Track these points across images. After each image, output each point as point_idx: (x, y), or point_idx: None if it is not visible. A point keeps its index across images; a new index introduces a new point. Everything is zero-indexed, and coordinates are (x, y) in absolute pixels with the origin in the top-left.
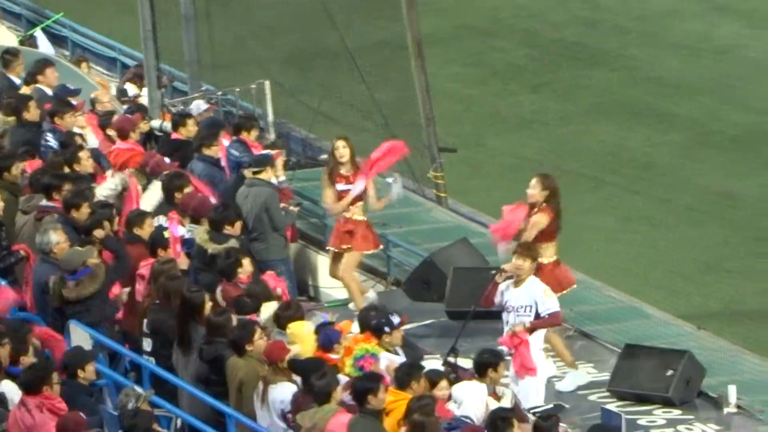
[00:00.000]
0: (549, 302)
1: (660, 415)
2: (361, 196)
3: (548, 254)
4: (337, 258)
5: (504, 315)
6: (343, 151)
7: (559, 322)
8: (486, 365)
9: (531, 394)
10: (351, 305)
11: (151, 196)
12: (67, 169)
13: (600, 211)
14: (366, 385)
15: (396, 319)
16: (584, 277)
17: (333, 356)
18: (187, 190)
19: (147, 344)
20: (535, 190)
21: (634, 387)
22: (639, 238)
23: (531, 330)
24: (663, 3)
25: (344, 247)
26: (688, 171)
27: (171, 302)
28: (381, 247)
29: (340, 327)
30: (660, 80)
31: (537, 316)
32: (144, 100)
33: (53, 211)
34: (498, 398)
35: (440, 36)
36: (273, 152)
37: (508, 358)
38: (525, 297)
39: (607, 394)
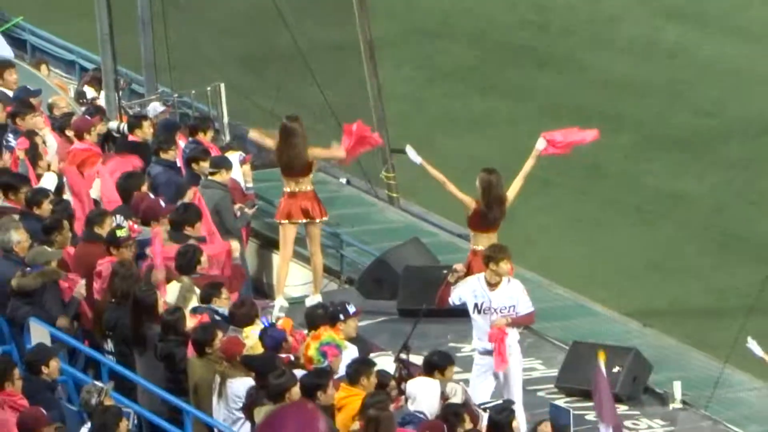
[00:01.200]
0: (527, 301)
1: None
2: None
3: (483, 243)
4: (289, 234)
5: (477, 316)
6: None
7: (533, 320)
8: (434, 366)
9: (515, 388)
10: (307, 300)
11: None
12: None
13: (548, 212)
14: (315, 381)
15: (352, 309)
16: (533, 276)
17: (283, 355)
18: (143, 189)
19: (108, 344)
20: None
21: (582, 383)
22: (586, 238)
23: (511, 325)
24: (611, 7)
25: (301, 221)
26: (636, 172)
27: (126, 301)
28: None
29: (282, 326)
30: (608, 83)
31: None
32: (102, 102)
33: (11, 212)
34: (446, 398)
35: (391, 39)
36: (241, 154)
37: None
38: (506, 298)
39: (555, 390)
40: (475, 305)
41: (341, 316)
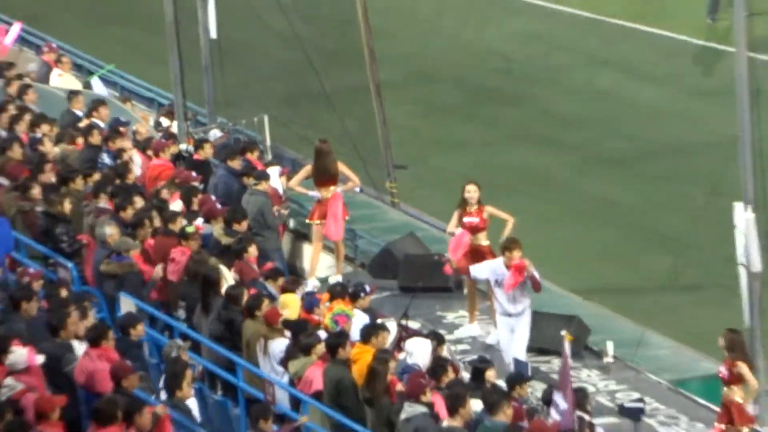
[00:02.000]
0: (534, 271)
1: (556, 363)
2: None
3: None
4: (320, 231)
5: (497, 288)
6: (473, 194)
7: (540, 288)
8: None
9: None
10: (331, 278)
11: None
12: (117, 181)
13: (512, 211)
14: (335, 341)
15: (368, 288)
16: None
17: (315, 317)
18: (200, 196)
19: (180, 312)
20: (474, 192)
21: (537, 342)
22: (540, 232)
23: (530, 278)
24: (560, 58)
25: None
26: (578, 183)
27: (197, 279)
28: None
29: (320, 296)
30: (557, 115)
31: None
32: (174, 129)
33: (107, 212)
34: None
35: (394, 81)
36: (280, 168)
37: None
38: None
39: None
40: (495, 281)
41: (361, 294)
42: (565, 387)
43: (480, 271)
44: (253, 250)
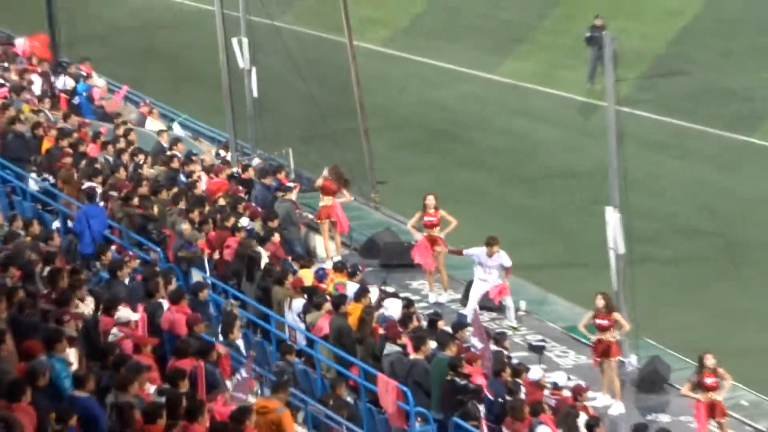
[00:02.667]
0: (508, 259)
1: (486, 315)
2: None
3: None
4: (326, 227)
5: (479, 267)
6: (431, 201)
7: (510, 272)
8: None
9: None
10: (334, 258)
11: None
12: (189, 192)
13: (455, 215)
14: (338, 300)
15: (361, 268)
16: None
17: (323, 285)
18: (244, 204)
19: (232, 282)
20: (431, 200)
21: (483, 302)
22: (477, 229)
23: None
24: (490, 109)
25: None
26: (504, 195)
27: (244, 259)
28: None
29: (330, 274)
30: (488, 149)
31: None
32: (228, 158)
33: (183, 213)
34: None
35: (377, 126)
36: (294, 185)
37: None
38: (495, 260)
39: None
40: (479, 263)
41: (357, 272)
42: (478, 332)
43: (471, 252)
44: (275, 238)
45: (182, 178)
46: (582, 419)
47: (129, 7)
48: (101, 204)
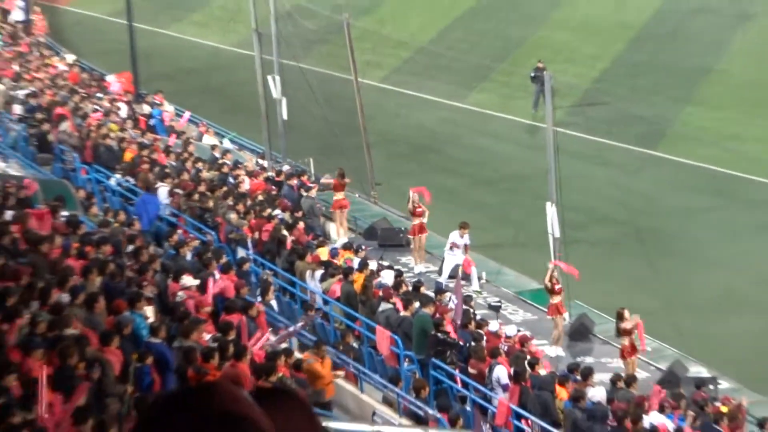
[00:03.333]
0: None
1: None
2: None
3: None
4: (339, 215)
5: (450, 248)
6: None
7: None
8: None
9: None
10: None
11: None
12: (236, 191)
13: (444, 201)
14: (347, 270)
15: (363, 247)
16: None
17: (335, 260)
18: (279, 200)
19: (267, 257)
20: (415, 195)
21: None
22: (449, 220)
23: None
24: (459, 130)
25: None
26: (470, 194)
27: (275, 241)
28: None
29: (341, 251)
30: (458, 160)
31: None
32: (265, 165)
33: (231, 208)
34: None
35: (375, 142)
36: (313, 185)
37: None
38: (464, 241)
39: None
40: (452, 242)
41: (360, 250)
42: (457, 293)
43: (451, 235)
44: (300, 225)
45: (230, 180)
46: (526, 360)
47: (190, 52)
48: (168, 199)
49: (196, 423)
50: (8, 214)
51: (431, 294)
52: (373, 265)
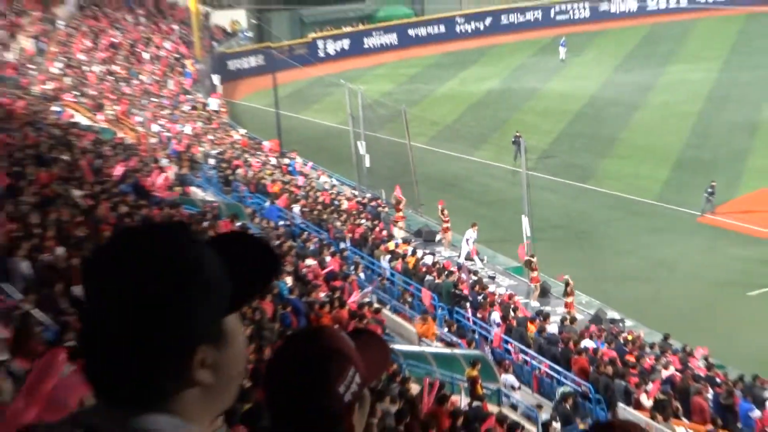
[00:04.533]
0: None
1: (469, 263)
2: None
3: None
4: (397, 224)
5: (464, 240)
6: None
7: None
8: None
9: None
10: (402, 237)
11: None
12: (341, 209)
13: (460, 215)
14: (404, 256)
15: (413, 241)
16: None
17: (397, 249)
18: (364, 214)
19: (359, 248)
20: (444, 209)
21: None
22: (473, 219)
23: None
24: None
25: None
26: (476, 209)
27: (363, 239)
28: None
29: (401, 244)
30: (472, 190)
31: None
32: (356, 193)
33: (336, 218)
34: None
35: (421, 180)
36: (384, 206)
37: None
38: (474, 236)
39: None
40: (467, 237)
41: (410, 242)
42: (467, 272)
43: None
44: (377, 228)
45: (335, 202)
46: (511, 308)
47: (312, 127)
48: (300, 213)
49: (312, 353)
50: (205, 224)
51: (454, 269)
52: (419, 252)
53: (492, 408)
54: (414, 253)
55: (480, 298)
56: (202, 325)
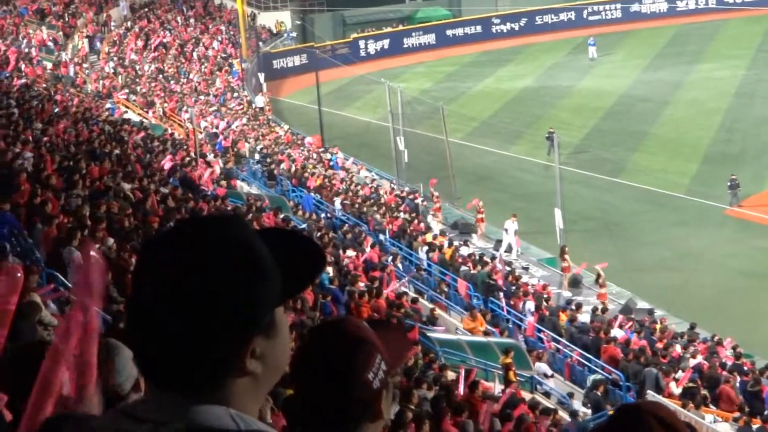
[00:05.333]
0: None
1: (506, 255)
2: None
3: None
4: (435, 216)
5: (504, 231)
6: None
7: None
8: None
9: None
10: (439, 229)
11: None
12: (381, 201)
13: (495, 209)
14: (440, 247)
15: (449, 234)
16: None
17: (435, 241)
18: (403, 206)
19: (398, 240)
20: (480, 204)
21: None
22: (511, 211)
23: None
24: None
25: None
26: (512, 202)
27: (401, 231)
28: None
29: (438, 236)
30: (507, 184)
31: None
32: (395, 187)
33: (375, 211)
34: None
35: (458, 173)
36: (423, 200)
37: None
38: (514, 227)
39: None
40: (505, 227)
41: (446, 234)
42: (501, 262)
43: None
44: (415, 221)
45: (375, 195)
46: (543, 298)
47: (353, 124)
48: (341, 206)
49: (339, 343)
50: (249, 216)
51: (488, 260)
52: (455, 243)
53: (525, 395)
54: (451, 244)
55: (513, 288)
56: (260, 315)
